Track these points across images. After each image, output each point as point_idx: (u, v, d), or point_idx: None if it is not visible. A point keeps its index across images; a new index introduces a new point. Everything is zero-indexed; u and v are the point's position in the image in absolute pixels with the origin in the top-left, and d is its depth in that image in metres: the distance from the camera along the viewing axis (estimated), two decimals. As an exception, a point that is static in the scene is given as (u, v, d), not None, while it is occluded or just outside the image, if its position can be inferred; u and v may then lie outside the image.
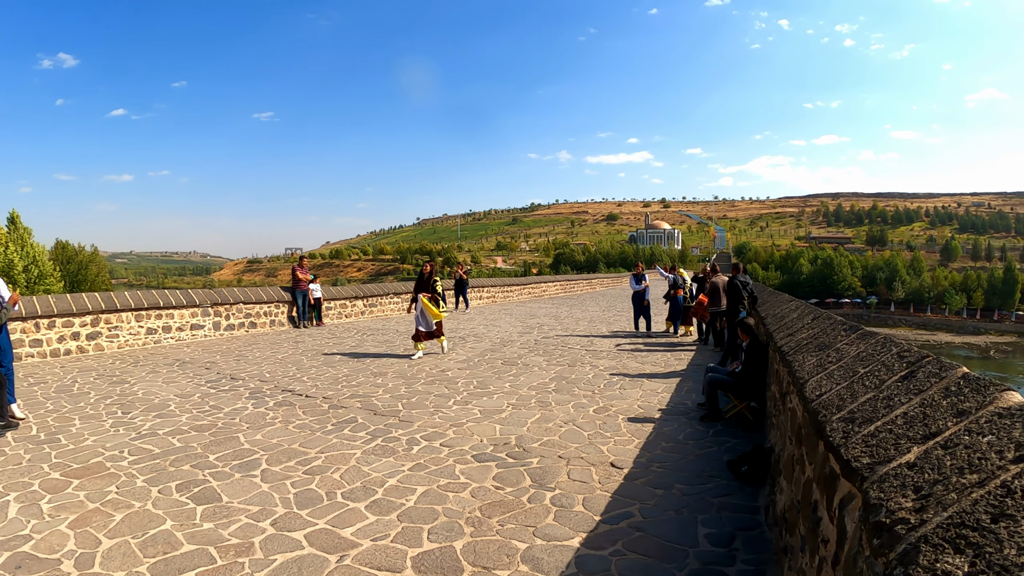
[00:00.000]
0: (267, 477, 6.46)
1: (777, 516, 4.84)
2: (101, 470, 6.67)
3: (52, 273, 45.33)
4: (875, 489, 2.15)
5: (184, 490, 6.10)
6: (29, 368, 12.84)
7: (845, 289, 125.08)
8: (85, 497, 5.92)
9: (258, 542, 4.97)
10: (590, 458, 7.05)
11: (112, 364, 13.36)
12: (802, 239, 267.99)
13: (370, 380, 11.41)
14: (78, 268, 59.88)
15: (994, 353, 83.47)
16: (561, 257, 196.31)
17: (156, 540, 5.00)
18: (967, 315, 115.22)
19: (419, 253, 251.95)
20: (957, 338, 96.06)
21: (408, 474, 6.53)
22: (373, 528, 5.24)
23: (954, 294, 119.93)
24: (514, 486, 6.20)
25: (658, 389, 10.77)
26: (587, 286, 54.39)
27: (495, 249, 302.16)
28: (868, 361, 3.86)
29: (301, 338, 17.55)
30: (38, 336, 14.07)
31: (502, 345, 16.23)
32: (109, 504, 5.75)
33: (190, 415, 8.98)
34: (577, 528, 5.24)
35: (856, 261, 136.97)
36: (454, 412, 9.10)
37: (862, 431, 2.74)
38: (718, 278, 15.99)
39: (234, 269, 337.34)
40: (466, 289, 29.10)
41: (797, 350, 5.66)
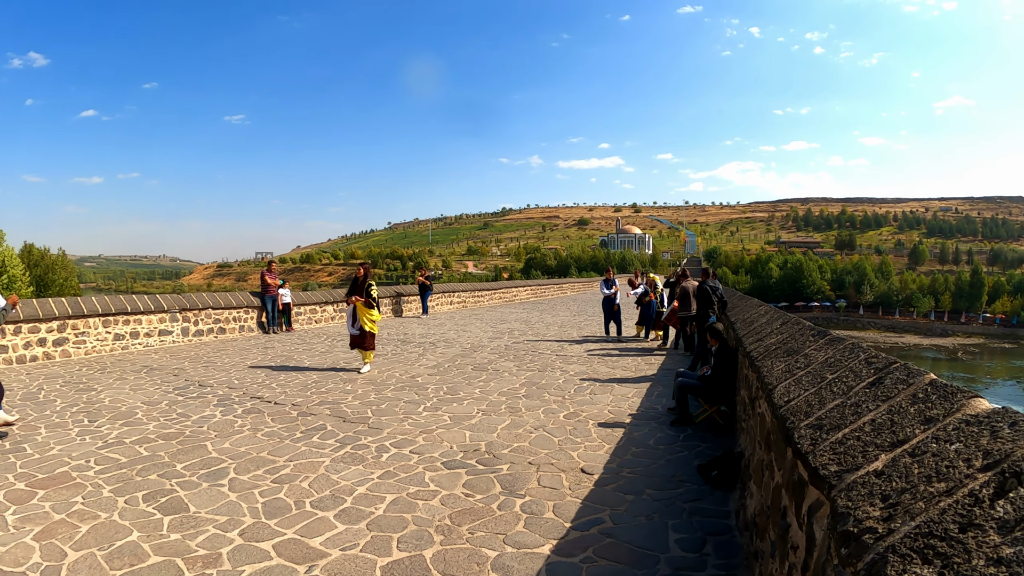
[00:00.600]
0: (235, 486, 6.39)
1: (748, 521, 4.85)
2: (67, 480, 6.57)
3: (21, 277, 44.83)
4: (843, 497, 2.14)
5: (151, 500, 6.02)
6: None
7: (814, 293, 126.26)
8: (51, 508, 5.82)
9: (226, 553, 4.91)
10: (560, 464, 7.04)
11: (79, 371, 13.18)
12: (772, 243, 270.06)
13: (340, 387, 11.35)
14: (46, 271, 59.20)
15: (962, 355, 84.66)
16: (532, 262, 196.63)
17: (123, 552, 4.93)
18: (935, 317, 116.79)
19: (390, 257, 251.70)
20: (925, 340, 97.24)
21: (377, 482, 6.49)
22: (342, 537, 5.19)
23: (922, 297, 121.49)
24: (484, 493, 6.18)
25: (628, 394, 10.79)
26: (558, 291, 54.49)
27: (466, 254, 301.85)
28: (836, 367, 3.87)
29: (271, 344, 17.42)
30: (3, 342, 13.85)
31: (472, 350, 16.19)
32: (75, 515, 5.66)
33: (157, 423, 8.87)
34: (547, 535, 5.22)
35: (825, 265, 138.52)
36: (424, 418, 9.07)
37: (830, 438, 2.74)
38: (688, 283, 16.03)
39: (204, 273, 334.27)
40: (428, 295, 28.85)
41: (766, 355, 5.67)
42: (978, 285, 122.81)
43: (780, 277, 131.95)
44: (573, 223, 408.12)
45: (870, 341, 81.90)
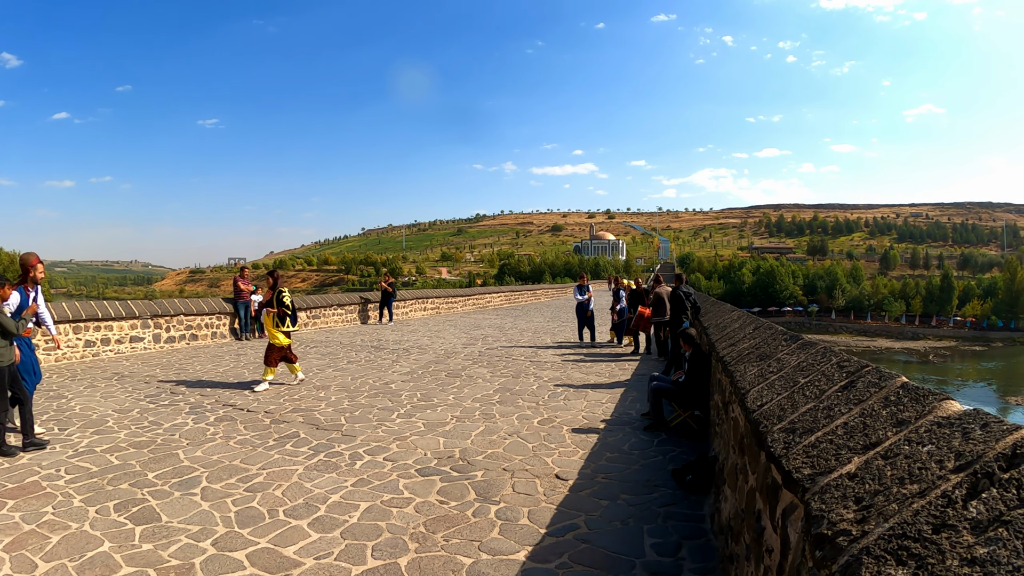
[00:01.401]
0: (207, 495, 6.34)
1: (722, 524, 4.87)
2: (37, 490, 6.49)
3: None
4: (816, 500, 2.15)
5: (122, 510, 5.96)
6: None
7: (787, 298, 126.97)
8: (20, 518, 5.75)
9: (199, 563, 4.87)
10: (535, 470, 7.05)
11: (48, 378, 12.98)
12: (745, 249, 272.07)
13: (312, 394, 11.29)
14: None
15: (933, 358, 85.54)
16: (506, 268, 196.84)
17: (94, 563, 4.87)
18: (906, 321, 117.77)
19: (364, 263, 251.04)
20: (897, 344, 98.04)
21: (351, 490, 6.46)
22: (316, 546, 5.17)
23: (893, 301, 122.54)
24: (458, 500, 6.17)
25: (602, 399, 10.81)
26: (532, 297, 54.61)
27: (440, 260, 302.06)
28: (808, 371, 3.89)
29: (243, 351, 17.29)
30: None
31: (446, 357, 16.15)
32: (45, 526, 5.59)
33: (128, 431, 8.78)
34: (523, 541, 5.22)
35: (798, 270, 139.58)
36: (398, 425, 9.04)
37: (803, 441, 2.75)
38: (662, 289, 16.09)
39: (176, 279, 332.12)
40: (392, 301, 28.44)
41: (739, 360, 5.70)
42: (948, 289, 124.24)
43: (753, 282, 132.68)
44: (547, 229, 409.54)
45: (842, 345, 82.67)
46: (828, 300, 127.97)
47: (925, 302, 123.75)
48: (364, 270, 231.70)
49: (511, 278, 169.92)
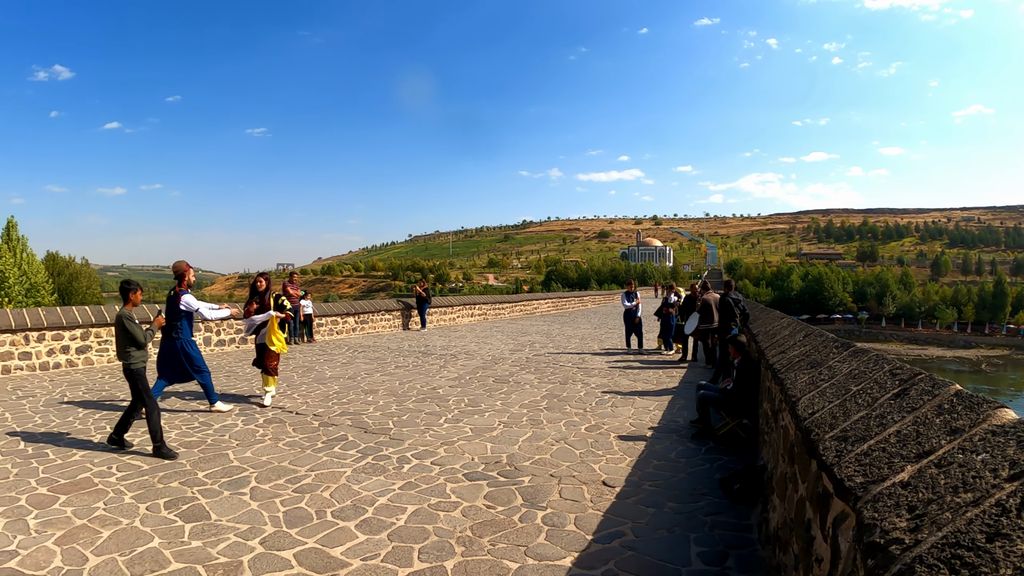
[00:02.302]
0: (256, 495, 6.43)
1: (770, 534, 4.83)
2: (89, 486, 6.63)
3: (44, 285, 45.21)
4: (869, 509, 2.13)
5: (172, 507, 6.06)
6: (18, 381, 12.81)
7: (836, 305, 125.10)
8: (72, 513, 5.88)
9: (247, 561, 4.94)
10: (582, 476, 7.03)
11: (101, 378, 13.29)
12: (793, 255, 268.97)
13: (361, 397, 11.39)
14: (69, 280, 59.68)
15: (985, 367, 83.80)
16: (553, 274, 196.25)
17: (144, 558, 4.96)
18: (958, 329, 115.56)
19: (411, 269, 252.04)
20: (948, 352, 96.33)
21: (399, 493, 6.50)
22: (363, 547, 5.21)
23: (945, 308, 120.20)
24: (505, 505, 6.18)
25: (650, 407, 10.77)
26: (579, 303, 54.44)
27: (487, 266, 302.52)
28: (860, 379, 3.85)
29: (292, 354, 17.46)
30: (27, 349, 14.01)
31: (493, 363, 16.20)
32: (96, 520, 5.71)
33: (179, 431, 8.93)
34: (569, 547, 5.22)
35: (847, 277, 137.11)
36: (445, 430, 9.09)
37: (855, 450, 2.73)
38: (710, 295, 15.97)
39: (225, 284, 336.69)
40: (427, 308, 27.83)
41: (789, 368, 5.65)
42: (1001, 296, 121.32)
43: (801, 289, 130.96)
44: (593, 235, 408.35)
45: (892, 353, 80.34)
46: (878, 307, 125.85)
47: (977, 309, 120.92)
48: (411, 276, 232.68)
49: (558, 284, 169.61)
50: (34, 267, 45.34)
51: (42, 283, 44.89)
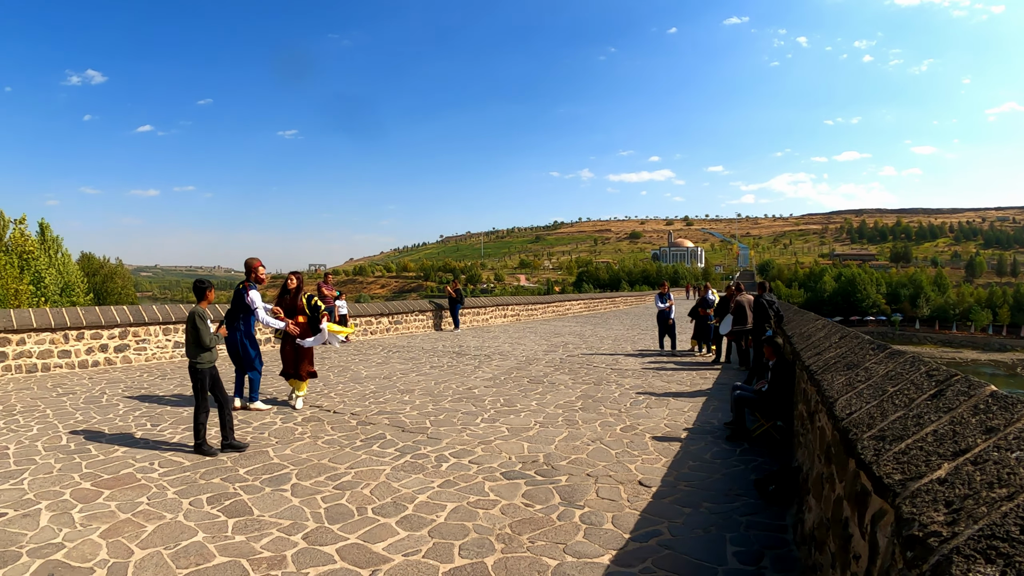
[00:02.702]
0: (297, 491, 6.54)
1: (805, 535, 4.87)
2: (132, 481, 6.78)
3: (79, 285, 45.78)
4: (907, 504, 2.20)
5: (215, 503, 6.19)
6: (58, 379, 13.06)
7: (869, 307, 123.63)
8: (116, 507, 6.02)
9: (290, 555, 5.05)
10: (618, 476, 7.09)
11: (140, 376, 13.51)
12: (826, 256, 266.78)
13: (397, 397, 11.50)
14: (103, 280, 60.42)
15: (1021, 370, 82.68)
16: (584, 275, 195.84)
17: (188, 551, 5.09)
18: (993, 332, 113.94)
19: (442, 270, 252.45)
20: (983, 355, 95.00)
21: (438, 490, 6.60)
22: (404, 543, 5.30)
23: (980, 311, 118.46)
24: (543, 503, 6.25)
25: (684, 408, 10.80)
26: (611, 304, 54.29)
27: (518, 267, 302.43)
28: (897, 380, 3.89)
29: (327, 354, 17.60)
30: (67, 347, 14.27)
31: (527, 363, 16.26)
32: (141, 515, 5.85)
33: (219, 428, 9.07)
34: (607, 545, 5.28)
35: (880, 278, 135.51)
36: (482, 430, 9.17)
37: (893, 449, 2.79)
38: (743, 296, 15.94)
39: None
40: (459, 308, 27.69)
41: (825, 369, 5.68)
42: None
43: (834, 291, 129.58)
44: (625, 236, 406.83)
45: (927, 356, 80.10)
46: (912, 309, 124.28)
47: (1013, 311, 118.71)
48: (443, 276, 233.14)
49: (589, 285, 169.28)
50: (69, 267, 45.94)
51: (77, 283, 45.46)
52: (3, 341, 13.33)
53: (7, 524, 5.59)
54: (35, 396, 11.16)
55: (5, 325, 13.33)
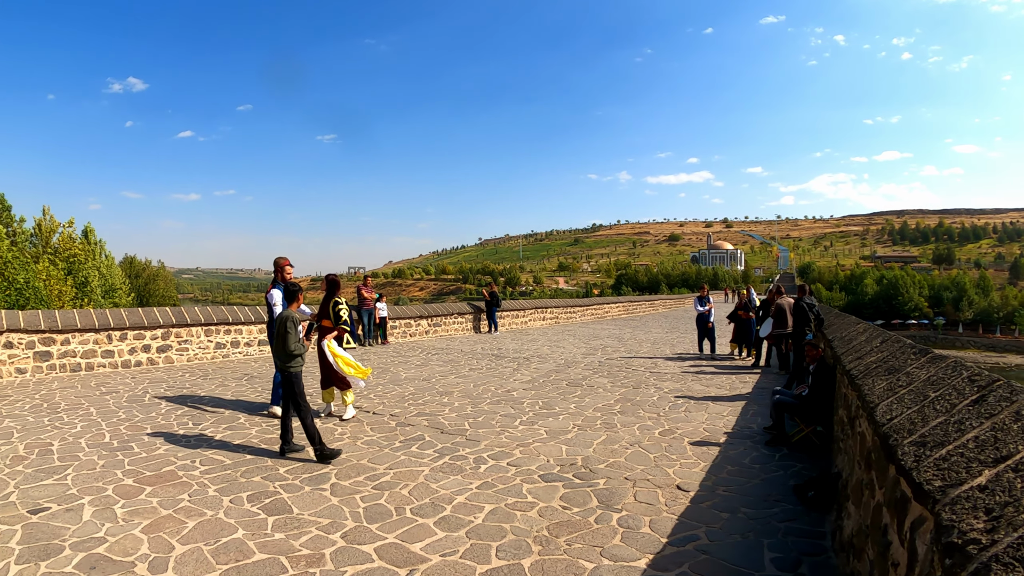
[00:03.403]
0: (337, 491, 6.60)
1: (844, 541, 4.83)
2: (173, 478, 6.89)
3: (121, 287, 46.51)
4: (947, 511, 2.19)
5: (255, 501, 6.27)
6: (101, 378, 13.28)
7: (911, 310, 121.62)
8: (158, 504, 6.12)
9: (329, 554, 5.10)
10: (656, 480, 7.07)
11: (181, 376, 13.69)
12: (867, 258, 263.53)
13: (436, 399, 11.55)
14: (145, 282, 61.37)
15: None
16: (623, 278, 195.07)
17: (228, 548, 5.16)
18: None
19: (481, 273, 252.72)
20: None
21: (476, 492, 6.63)
22: (442, 544, 5.33)
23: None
24: (581, 506, 6.25)
25: (723, 412, 10.75)
26: (649, 307, 54.11)
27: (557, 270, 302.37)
28: (939, 385, 3.86)
29: (367, 356, 17.70)
30: (110, 347, 14.52)
31: (566, 366, 16.25)
32: (182, 511, 5.94)
33: (259, 428, 9.20)
34: (644, 549, 5.27)
35: (922, 281, 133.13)
36: (520, 432, 9.19)
37: (933, 455, 2.77)
38: (784, 299, 15.82)
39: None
40: (495, 311, 27.61)
41: (866, 374, 5.63)
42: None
43: (875, 294, 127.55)
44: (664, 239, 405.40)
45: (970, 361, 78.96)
46: (955, 312, 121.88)
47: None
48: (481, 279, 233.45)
49: (628, 288, 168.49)
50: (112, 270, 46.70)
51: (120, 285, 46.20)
52: (48, 341, 13.58)
53: (51, 518, 5.71)
54: (79, 395, 11.35)
55: (50, 325, 13.58)
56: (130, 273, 58.20)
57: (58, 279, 35.64)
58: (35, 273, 32.03)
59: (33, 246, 41.82)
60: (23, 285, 29.19)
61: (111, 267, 46.88)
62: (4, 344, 12.96)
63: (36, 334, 13.42)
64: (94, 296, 40.87)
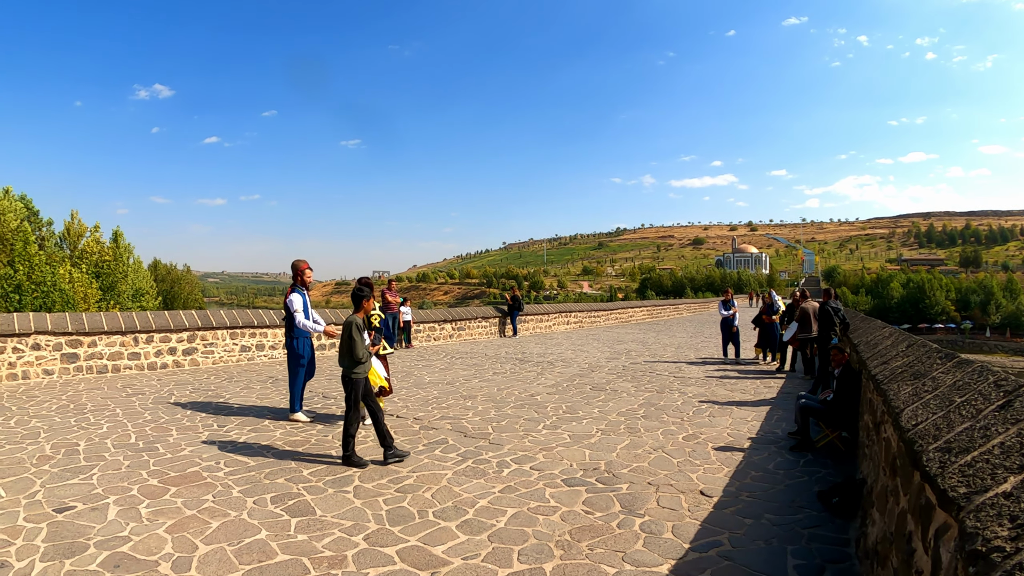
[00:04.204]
0: (360, 493, 6.63)
1: (868, 549, 4.79)
2: (198, 479, 6.95)
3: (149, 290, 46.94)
4: (971, 519, 2.17)
5: (279, 502, 6.30)
6: (127, 379, 13.43)
7: (938, 314, 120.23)
8: (182, 504, 6.18)
9: (351, 555, 5.11)
10: (679, 485, 7.04)
11: (207, 379, 13.82)
12: (893, 261, 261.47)
13: (460, 403, 11.57)
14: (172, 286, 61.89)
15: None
16: (647, 282, 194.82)
17: (251, 548, 5.19)
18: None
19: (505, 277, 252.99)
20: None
21: (499, 496, 6.62)
22: (464, 547, 5.33)
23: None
24: (604, 511, 6.23)
25: (748, 417, 10.69)
26: (674, 312, 53.95)
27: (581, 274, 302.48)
28: (964, 390, 3.83)
29: (391, 360, 17.72)
30: (136, 350, 14.69)
31: (590, 370, 16.22)
32: (206, 512, 5.99)
33: (284, 430, 9.25)
34: (666, 555, 5.25)
35: (949, 284, 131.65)
36: (543, 436, 9.18)
37: (958, 461, 2.75)
38: (808, 304, 15.72)
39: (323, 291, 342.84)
40: (517, 315, 27.72)
41: (892, 379, 5.59)
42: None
43: (901, 297, 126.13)
44: (688, 242, 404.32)
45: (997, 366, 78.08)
46: (982, 316, 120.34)
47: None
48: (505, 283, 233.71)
49: (652, 292, 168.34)
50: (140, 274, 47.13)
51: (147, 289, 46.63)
52: (75, 343, 13.75)
53: (76, 517, 5.78)
54: (105, 396, 11.48)
55: (77, 327, 13.73)
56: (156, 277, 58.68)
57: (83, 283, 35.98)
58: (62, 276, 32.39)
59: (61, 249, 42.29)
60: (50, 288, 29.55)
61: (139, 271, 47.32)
62: (32, 346, 13.14)
63: (63, 336, 13.61)
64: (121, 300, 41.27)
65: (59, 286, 30.41)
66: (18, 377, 12.97)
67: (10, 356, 12.92)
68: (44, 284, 29.19)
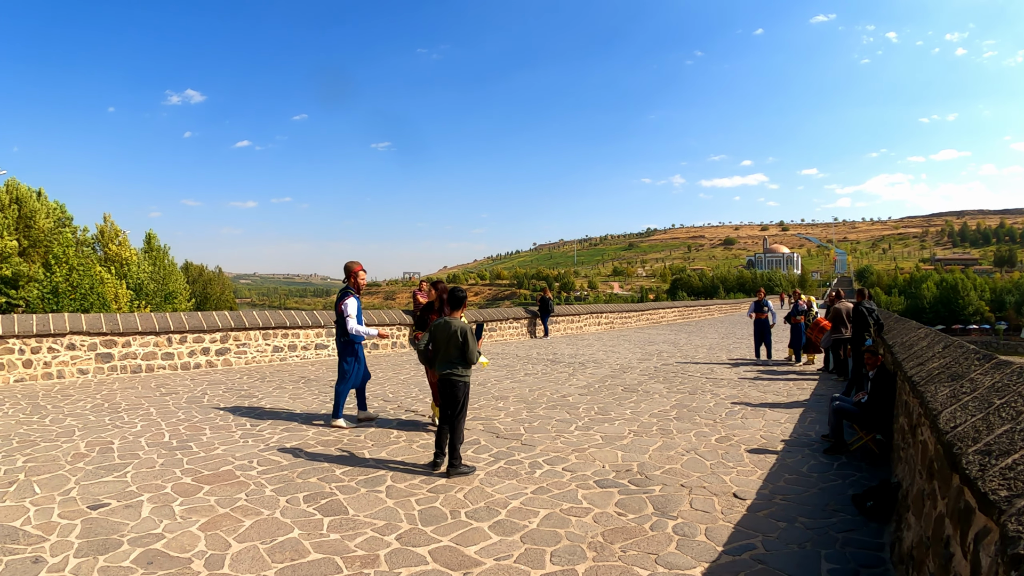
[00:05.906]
0: (392, 493, 6.65)
1: (903, 554, 4.75)
2: (231, 478, 7.01)
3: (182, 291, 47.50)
4: (1013, 522, 2.14)
5: (311, 501, 6.34)
6: (161, 379, 13.60)
7: (972, 314, 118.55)
8: (215, 502, 6.24)
9: (383, 555, 5.13)
10: (712, 488, 7.01)
11: (240, 379, 13.95)
12: (926, 261, 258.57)
13: (492, 404, 11.58)
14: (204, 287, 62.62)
15: None
16: (678, 283, 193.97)
17: (284, 547, 5.23)
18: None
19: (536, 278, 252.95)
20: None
21: (531, 497, 6.63)
22: (496, 548, 5.34)
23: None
24: (636, 513, 6.22)
25: (781, 419, 10.62)
26: (705, 312, 53.72)
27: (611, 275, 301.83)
28: (1004, 392, 3.78)
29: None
30: (170, 350, 14.89)
31: (622, 371, 16.19)
32: (239, 510, 6.05)
33: (316, 430, 9.31)
34: (699, 558, 5.23)
35: (984, 284, 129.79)
36: (576, 437, 9.17)
37: (999, 464, 2.72)
38: (842, 304, 15.59)
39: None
40: (548, 317, 28.09)
41: (928, 380, 5.53)
42: None
43: (935, 298, 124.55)
44: (719, 243, 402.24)
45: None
46: (1017, 317, 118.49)
47: None
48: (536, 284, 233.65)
49: (683, 293, 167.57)
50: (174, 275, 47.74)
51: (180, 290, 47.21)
52: (109, 343, 13.93)
53: (110, 514, 5.85)
54: (139, 395, 11.63)
55: (111, 328, 13.91)
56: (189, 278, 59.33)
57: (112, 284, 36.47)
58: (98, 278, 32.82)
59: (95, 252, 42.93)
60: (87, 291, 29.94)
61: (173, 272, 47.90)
62: (67, 346, 13.33)
63: (98, 336, 13.80)
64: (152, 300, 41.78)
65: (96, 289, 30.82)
66: (53, 376, 13.17)
67: (46, 356, 13.12)
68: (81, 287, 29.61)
